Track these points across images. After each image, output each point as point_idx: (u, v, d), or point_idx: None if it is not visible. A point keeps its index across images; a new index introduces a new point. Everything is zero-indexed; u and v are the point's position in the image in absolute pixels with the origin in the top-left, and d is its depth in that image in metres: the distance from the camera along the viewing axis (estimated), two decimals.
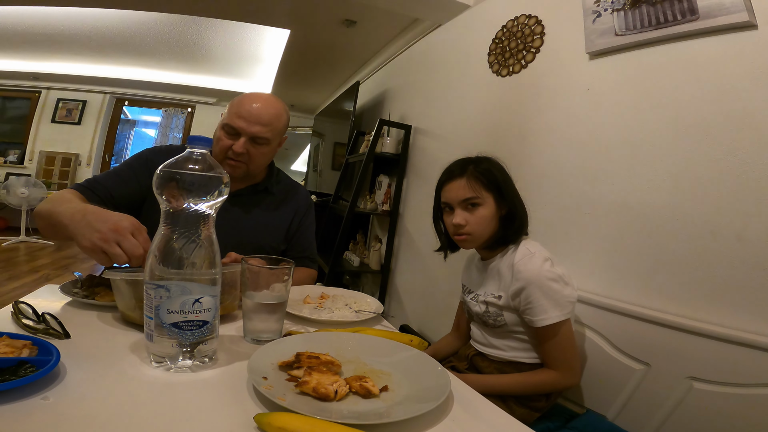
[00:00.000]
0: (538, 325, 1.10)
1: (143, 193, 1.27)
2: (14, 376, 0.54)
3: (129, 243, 0.80)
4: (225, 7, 3.24)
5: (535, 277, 1.10)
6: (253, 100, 1.25)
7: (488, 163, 1.22)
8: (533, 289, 1.10)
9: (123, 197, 1.23)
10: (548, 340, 1.12)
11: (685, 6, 1.30)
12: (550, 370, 1.14)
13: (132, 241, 0.81)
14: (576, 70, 1.72)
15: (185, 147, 0.70)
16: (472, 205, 1.19)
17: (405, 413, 0.58)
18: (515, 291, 1.13)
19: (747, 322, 1.11)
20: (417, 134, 3.05)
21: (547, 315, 1.09)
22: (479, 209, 1.18)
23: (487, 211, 1.18)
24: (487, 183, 1.19)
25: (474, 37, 2.43)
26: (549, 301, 1.09)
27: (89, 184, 1.21)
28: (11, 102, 6.66)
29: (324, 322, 1.02)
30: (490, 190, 1.19)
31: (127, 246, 0.80)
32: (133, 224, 0.83)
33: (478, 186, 1.18)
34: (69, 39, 5.01)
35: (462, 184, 1.19)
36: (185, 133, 7.17)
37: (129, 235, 0.81)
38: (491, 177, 1.19)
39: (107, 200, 1.19)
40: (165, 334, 0.65)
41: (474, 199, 1.18)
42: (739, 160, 1.17)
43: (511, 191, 1.21)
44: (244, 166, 1.27)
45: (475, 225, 1.18)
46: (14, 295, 3.29)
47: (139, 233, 0.83)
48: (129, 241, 0.80)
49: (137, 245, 0.81)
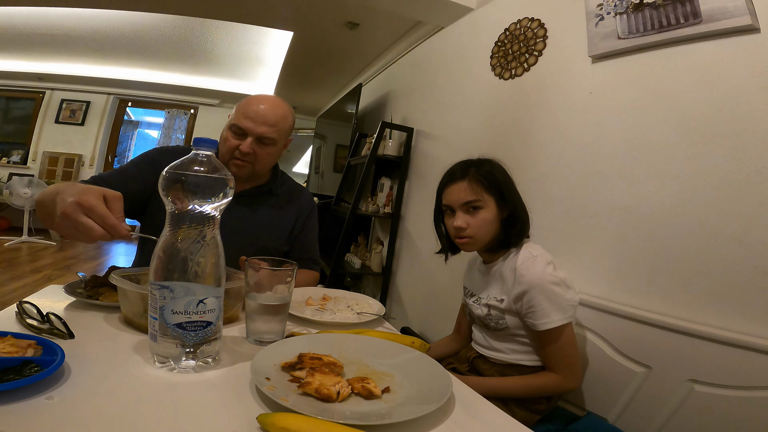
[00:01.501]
0: (540, 329, 1.10)
1: (147, 192, 1.27)
2: (19, 375, 0.54)
3: (82, 226, 0.74)
4: (228, 8, 3.26)
5: (538, 281, 1.10)
6: (261, 102, 1.27)
7: (490, 165, 1.22)
8: (536, 293, 1.10)
9: (128, 195, 1.22)
10: (550, 343, 1.12)
11: (688, 9, 1.30)
12: (551, 373, 1.15)
13: (86, 222, 0.74)
14: (578, 73, 1.72)
15: (191, 148, 0.70)
16: (473, 208, 1.18)
17: (407, 414, 0.58)
18: (517, 294, 1.13)
19: (748, 326, 1.11)
20: (419, 137, 3.05)
21: (549, 319, 1.09)
22: (481, 212, 1.18)
23: (488, 214, 1.18)
24: (489, 185, 1.18)
25: (477, 40, 2.43)
26: (551, 304, 1.09)
27: (94, 180, 1.20)
28: (15, 102, 6.69)
29: (326, 324, 1.02)
30: (492, 193, 1.18)
31: (81, 229, 0.74)
32: (82, 203, 0.74)
33: (479, 189, 1.18)
34: (73, 40, 5.03)
35: (463, 187, 1.19)
36: (188, 134, 7.19)
37: (81, 217, 0.74)
38: (493, 179, 1.19)
39: None
40: (169, 335, 0.65)
41: (475, 202, 1.17)
42: (741, 164, 1.17)
43: (513, 194, 1.21)
44: (250, 166, 1.28)
45: (477, 228, 1.18)
46: (16, 295, 3.30)
47: (91, 211, 0.74)
48: (82, 224, 0.74)
49: (90, 227, 0.74)
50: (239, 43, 4.79)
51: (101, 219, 0.74)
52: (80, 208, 0.74)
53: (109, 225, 0.75)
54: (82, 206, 0.74)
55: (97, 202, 0.75)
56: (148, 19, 4.23)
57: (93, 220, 0.74)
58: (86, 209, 0.74)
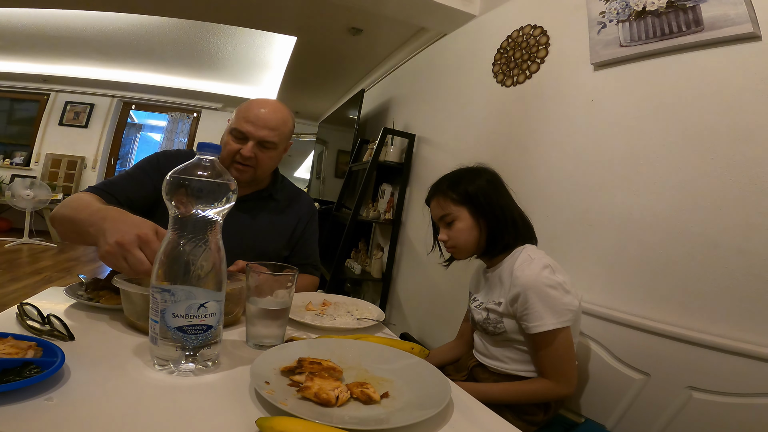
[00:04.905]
0: (532, 332, 1.09)
1: (156, 195, 1.26)
2: (19, 376, 0.54)
3: (133, 258, 0.76)
4: (233, 13, 3.28)
5: (532, 283, 1.09)
6: (261, 106, 1.27)
7: (465, 175, 1.27)
8: (530, 295, 1.09)
9: (139, 200, 1.24)
10: (543, 348, 1.11)
11: (690, 17, 1.31)
12: (543, 379, 1.13)
13: (137, 256, 0.76)
14: (580, 81, 1.73)
15: (194, 152, 0.71)
16: (448, 223, 1.25)
17: (405, 420, 0.58)
18: (513, 296, 1.12)
19: (746, 333, 1.11)
20: (420, 143, 3.06)
21: (542, 321, 1.07)
22: (455, 224, 1.24)
23: (462, 224, 1.23)
24: (458, 198, 1.23)
25: (479, 46, 2.44)
26: (545, 307, 1.08)
27: (106, 187, 1.20)
28: (20, 104, 6.73)
29: (326, 329, 1.02)
30: (462, 204, 1.23)
31: (131, 261, 0.76)
32: (141, 236, 0.77)
33: (446, 203, 1.24)
34: (79, 42, 5.07)
35: (436, 204, 1.28)
36: (190, 138, 7.22)
37: (135, 250, 0.76)
38: (460, 191, 1.23)
39: (125, 203, 1.18)
40: (169, 338, 0.65)
41: (446, 216, 1.25)
42: (741, 173, 1.18)
43: (489, 199, 1.22)
44: (251, 170, 1.28)
45: (456, 239, 1.24)
46: (16, 297, 3.31)
47: (147, 245, 0.77)
48: (133, 257, 0.76)
49: (141, 261, 0.76)
50: (243, 48, 4.82)
51: (153, 255, 0.73)
52: (138, 241, 0.77)
53: (139, 272, 0.77)
54: (141, 239, 0.77)
55: (153, 237, 0.78)
56: (152, 22, 4.26)
57: (145, 255, 0.77)
58: (143, 242, 0.77)
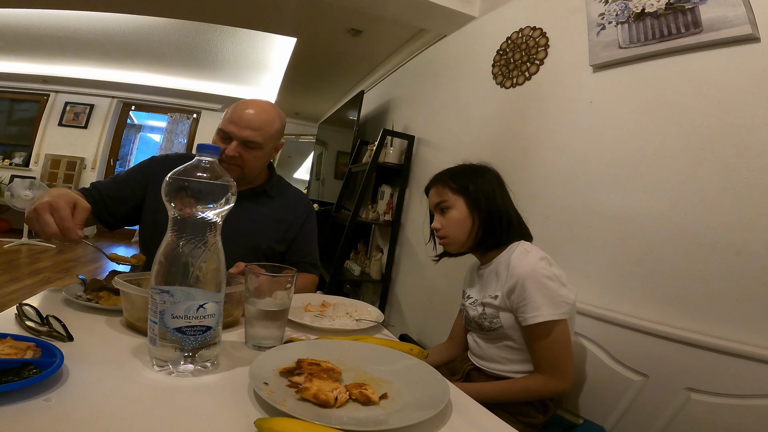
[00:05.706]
0: (529, 323, 1.07)
1: (136, 198, 1.32)
2: (17, 377, 0.54)
3: (42, 221, 0.87)
4: (233, 14, 3.28)
5: (530, 273, 1.08)
6: (247, 107, 1.29)
7: (467, 169, 1.28)
8: (527, 285, 1.08)
9: (113, 199, 1.30)
10: (539, 340, 1.09)
11: (689, 19, 1.31)
12: (537, 374, 1.11)
13: (46, 219, 0.87)
14: (579, 82, 1.73)
15: (189, 155, 0.71)
16: (443, 209, 1.26)
17: (403, 421, 0.58)
18: (510, 288, 1.11)
19: (745, 335, 1.11)
20: (420, 145, 3.06)
21: (539, 312, 1.06)
22: (450, 212, 1.24)
23: (457, 213, 1.23)
24: (457, 187, 1.24)
25: (479, 48, 2.45)
26: (543, 298, 1.07)
27: (91, 186, 1.31)
28: (19, 104, 6.72)
29: (325, 330, 1.02)
30: (460, 194, 1.24)
31: (41, 223, 0.87)
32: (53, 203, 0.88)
33: (445, 190, 1.25)
34: (79, 43, 5.07)
35: (434, 192, 1.29)
36: (190, 138, 7.22)
37: (45, 214, 0.87)
38: (459, 180, 1.25)
39: (98, 201, 1.27)
40: (168, 339, 0.65)
41: (443, 203, 1.25)
42: (740, 174, 1.18)
43: (488, 195, 1.23)
44: (238, 170, 1.30)
45: (449, 228, 1.24)
46: (14, 297, 3.30)
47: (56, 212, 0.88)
48: (43, 219, 0.87)
49: (47, 224, 0.87)
50: (243, 49, 4.82)
51: (60, 220, 0.88)
52: (49, 207, 0.88)
53: (64, 227, 0.88)
54: (51, 206, 0.89)
55: (64, 205, 0.89)
56: (152, 23, 4.26)
57: (54, 220, 0.88)
58: (53, 209, 0.89)
